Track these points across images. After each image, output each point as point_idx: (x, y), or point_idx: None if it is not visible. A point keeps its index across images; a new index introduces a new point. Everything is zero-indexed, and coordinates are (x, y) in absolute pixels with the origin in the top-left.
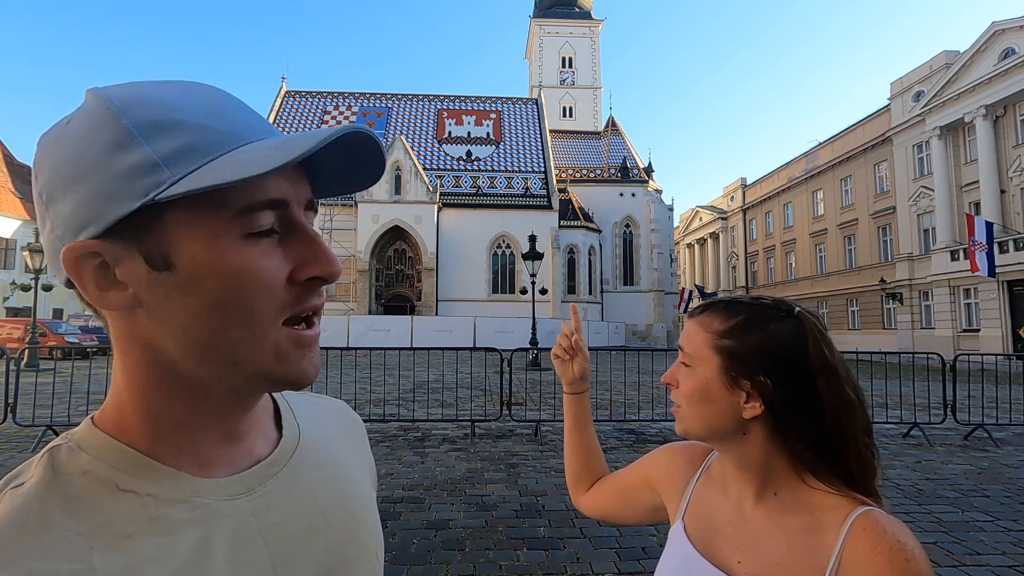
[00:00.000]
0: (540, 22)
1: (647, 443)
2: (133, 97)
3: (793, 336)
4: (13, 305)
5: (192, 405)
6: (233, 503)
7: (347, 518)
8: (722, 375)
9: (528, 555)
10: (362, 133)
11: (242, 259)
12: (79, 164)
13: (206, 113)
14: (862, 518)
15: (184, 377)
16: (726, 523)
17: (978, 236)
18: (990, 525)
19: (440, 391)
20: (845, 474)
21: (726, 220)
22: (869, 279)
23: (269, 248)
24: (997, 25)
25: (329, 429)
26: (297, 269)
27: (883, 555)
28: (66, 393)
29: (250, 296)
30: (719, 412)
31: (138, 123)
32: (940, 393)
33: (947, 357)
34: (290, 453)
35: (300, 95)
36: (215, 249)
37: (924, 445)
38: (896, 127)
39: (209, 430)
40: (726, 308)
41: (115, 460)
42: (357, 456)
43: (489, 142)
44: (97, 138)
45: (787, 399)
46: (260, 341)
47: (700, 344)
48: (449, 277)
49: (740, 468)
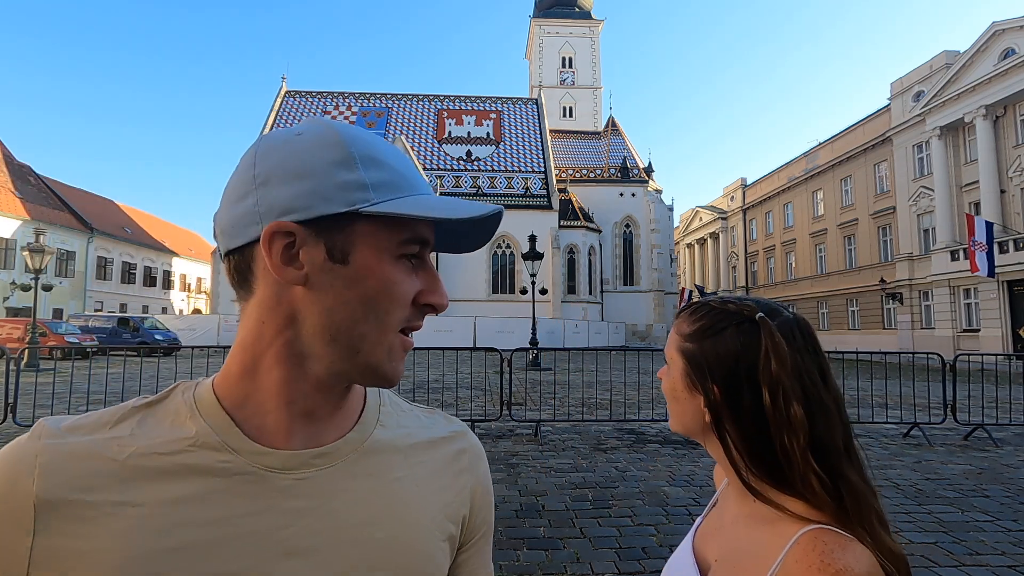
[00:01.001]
0: (540, 22)
1: (647, 443)
2: (355, 134)
3: (746, 346)
4: (13, 305)
5: (292, 376)
6: (270, 474)
7: (392, 542)
8: (684, 378)
9: (528, 555)
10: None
11: (394, 273)
12: (305, 166)
13: (398, 161)
14: (806, 536)
15: (304, 350)
16: (722, 523)
17: (978, 236)
18: (990, 525)
19: (440, 391)
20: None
21: (726, 220)
22: (869, 279)
23: (409, 271)
24: (997, 25)
25: (414, 447)
26: (421, 294)
27: (812, 574)
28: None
29: (390, 302)
30: (685, 412)
31: (359, 154)
32: (940, 393)
33: (947, 357)
34: (348, 452)
35: (300, 95)
36: (381, 260)
37: (924, 445)
38: (896, 127)
39: (294, 404)
40: (694, 312)
41: (201, 397)
42: (441, 484)
43: (489, 142)
44: (326, 153)
45: (733, 410)
46: (383, 338)
47: (671, 345)
48: (449, 277)
49: (721, 466)
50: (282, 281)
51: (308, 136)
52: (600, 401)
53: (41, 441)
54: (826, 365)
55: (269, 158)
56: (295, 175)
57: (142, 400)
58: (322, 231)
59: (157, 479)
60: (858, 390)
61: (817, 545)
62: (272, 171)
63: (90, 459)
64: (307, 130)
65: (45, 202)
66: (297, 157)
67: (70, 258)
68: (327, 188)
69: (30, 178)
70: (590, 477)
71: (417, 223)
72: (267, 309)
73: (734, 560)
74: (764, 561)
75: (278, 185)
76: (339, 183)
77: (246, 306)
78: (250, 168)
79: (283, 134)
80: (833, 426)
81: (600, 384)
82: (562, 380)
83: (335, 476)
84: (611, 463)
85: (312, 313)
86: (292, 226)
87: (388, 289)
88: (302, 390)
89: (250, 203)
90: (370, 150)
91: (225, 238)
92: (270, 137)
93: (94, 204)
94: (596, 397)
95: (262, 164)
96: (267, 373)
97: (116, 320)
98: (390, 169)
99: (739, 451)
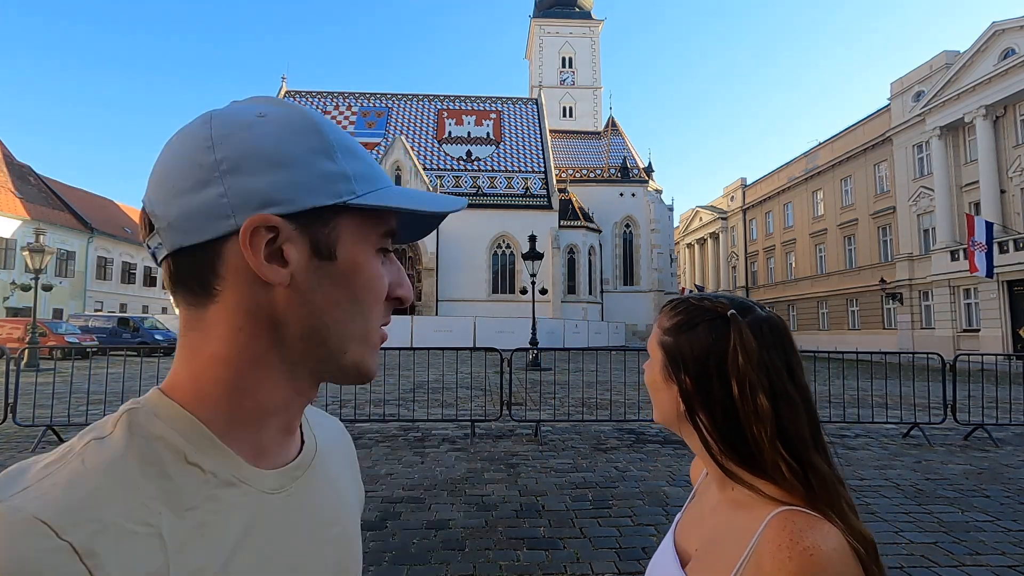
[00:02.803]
0: (540, 22)
1: (647, 443)
2: (326, 120)
3: (716, 341)
4: (13, 305)
5: (278, 385)
6: (271, 496)
7: (343, 536)
8: (662, 369)
9: (528, 555)
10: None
11: (377, 268)
12: (282, 154)
13: (366, 152)
14: (777, 517)
15: (287, 356)
16: (701, 513)
17: (978, 236)
18: (990, 525)
19: (440, 391)
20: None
21: (726, 220)
22: (869, 279)
23: (384, 265)
24: (997, 25)
25: (335, 446)
26: (391, 287)
27: (783, 552)
28: (66, 393)
29: (375, 298)
30: (664, 402)
31: (336, 142)
32: (940, 393)
33: (947, 357)
34: (310, 460)
35: (300, 95)
36: (366, 255)
37: (924, 445)
38: (896, 127)
39: (279, 416)
40: (674, 307)
41: (186, 431)
42: (352, 478)
43: (489, 142)
44: (303, 140)
45: (703, 399)
46: (368, 335)
47: (653, 339)
48: (449, 277)
49: (698, 455)
50: (265, 281)
51: (276, 118)
52: (600, 401)
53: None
54: (795, 362)
55: (233, 140)
56: (272, 163)
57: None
58: (306, 225)
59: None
60: (858, 390)
61: (787, 525)
62: (242, 156)
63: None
64: (270, 111)
65: (45, 202)
66: (271, 142)
67: (70, 258)
68: (310, 179)
69: (30, 178)
70: (590, 477)
71: (390, 215)
72: (245, 315)
73: (713, 546)
74: (740, 544)
75: (252, 174)
76: (322, 174)
77: (207, 312)
78: (205, 151)
79: (239, 112)
80: (799, 418)
81: (600, 384)
82: (562, 380)
83: (306, 484)
84: (611, 463)
85: (299, 316)
86: (276, 220)
87: (373, 285)
88: (289, 400)
89: (214, 192)
90: (342, 137)
91: (175, 233)
92: (224, 116)
93: (94, 204)
94: (596, 397)
95: (225, 147)
96: (256, 388)
97: (116, 320)
98: (364, 160)
99: (712, 438)
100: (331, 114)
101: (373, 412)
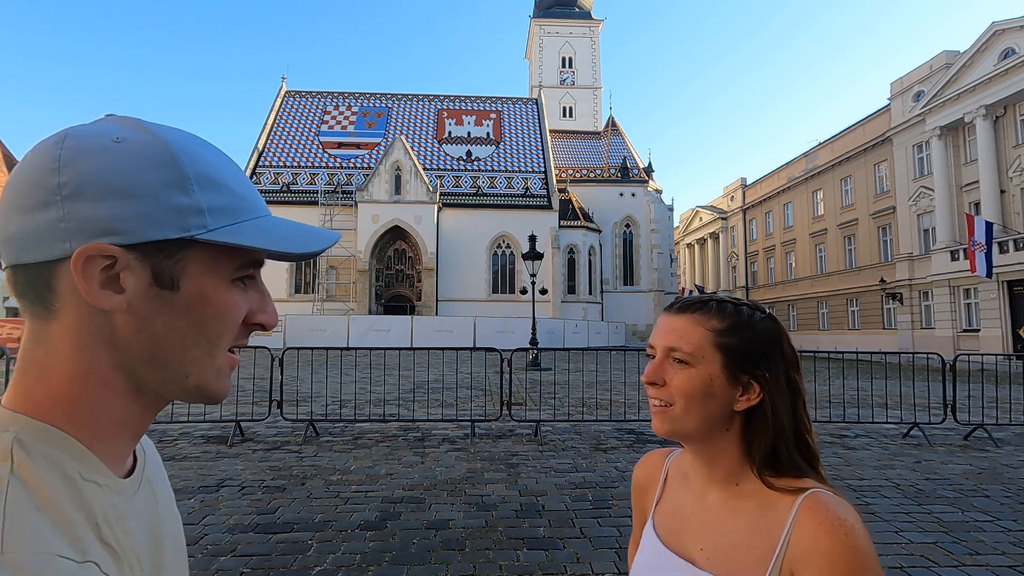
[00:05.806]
0: (540, 22)
1: (647, 443)
2: (190, 150)
3: (776, 334)
4: (13, 305)
5: (128, 403)
6: (131, 500)
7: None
8: (724, 370)
9: (528, 555)
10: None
11: (229, 299)
12: (130, 184)
13: (236, 181)
14: (809, 498)
15: (133, 377)
16: (690, 515)
17: (978, 236)
18: (990, 525)
19: (440, 391)
20: (801, 457)
21: (726, 220)
22: (869, 279)
23: (242, 293)
24: (997, 25)
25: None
26: (251, 314)
27: (825, 530)
28: None
29: (223, 326)
30: (718, 406)
31: (196, 174)
32: (940, 393)
33: (947, 357)
34: (143, 468)
35: (300, 95)
36: (214, 286)
37: (924, 445)
38: (896, 127)
39: (131, 428)
40: (720, 308)
41: (70, 451)
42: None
43: (489, 142)
44: (157, 172)
45: (774, 389)
46: (212, 360)
47: (701, 342)
48: (449, 277)
49: (708, 462)
50: (98, 306)
51: (132, 146)
52: (600, 401)
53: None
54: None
55: (79, 165)
56: (117, 193)
57: None
58: (148, 255)
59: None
60: (858, 390)
61: (817, 506)
62: (85, 183)
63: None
64: (129, 137)
65: None
66: (120, 171)
67: None
68: (157, 212)
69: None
70: (590, 477)
71: (256, 249)
72: (85, 334)
73: (731, 543)
74: (771, 534)
75: (94, 201)
76: (172, 207)
77: (48, 327)
78: (51, 173)
79: (95, 135)
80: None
81: (600, 384)
82: (562, 380)
83: (146, 489)
84: (611, 463)
85: (137, 340)
86: (114, 249)
87: (221, 314)
88: (136, 413)
89: (53, 216)
90: (206, 169)
91: (12, 248)
92: (78, 137)
93: None
94: (596, 397)
95: (70, 171)
96: (109, 406)
97: None
98: (228, 191)
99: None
100: (331, 114)
101: (373, 412)
